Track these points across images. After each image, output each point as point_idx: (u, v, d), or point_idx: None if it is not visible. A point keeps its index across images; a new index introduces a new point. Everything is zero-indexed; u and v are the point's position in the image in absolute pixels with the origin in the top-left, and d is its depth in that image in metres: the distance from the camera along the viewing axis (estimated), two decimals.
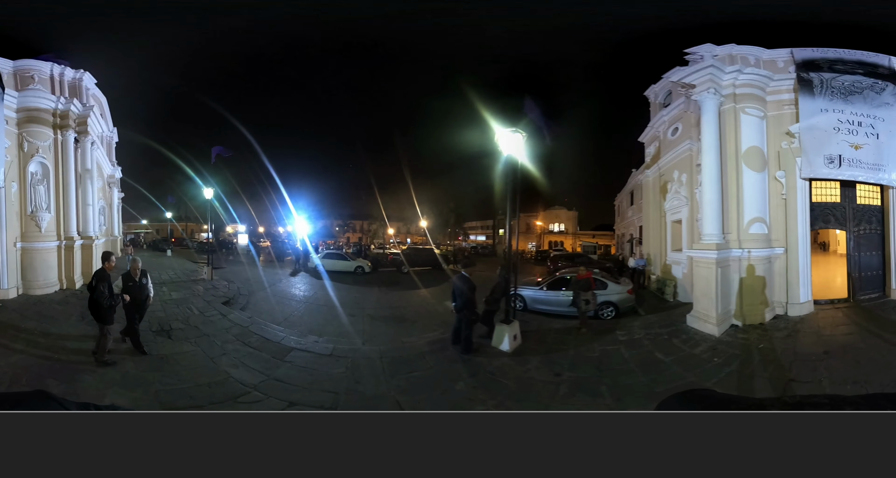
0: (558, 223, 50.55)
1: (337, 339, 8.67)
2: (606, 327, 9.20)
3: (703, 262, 8.19)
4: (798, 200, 9.10)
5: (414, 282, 17.41)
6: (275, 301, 12.27)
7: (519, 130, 7.92)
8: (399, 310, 11.81)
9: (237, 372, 6.50)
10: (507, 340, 7.59)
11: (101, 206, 19.48)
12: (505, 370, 6.77)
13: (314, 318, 10.63)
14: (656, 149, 14.42)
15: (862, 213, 9.74)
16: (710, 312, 7.78)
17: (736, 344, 6.89)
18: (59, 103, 11.70)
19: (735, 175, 8.74)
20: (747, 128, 9.14)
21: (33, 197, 11.10)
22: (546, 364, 7.10)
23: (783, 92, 9.55)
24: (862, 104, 9.36)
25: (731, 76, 9.21)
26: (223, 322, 9.22)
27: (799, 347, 6.53)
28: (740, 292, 8.19)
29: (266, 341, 8.16)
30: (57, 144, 11.71)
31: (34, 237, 10.84)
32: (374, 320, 10.47)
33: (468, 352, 7.36)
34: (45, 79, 11.79)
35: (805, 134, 9.06)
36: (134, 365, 6.50)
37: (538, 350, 7.74)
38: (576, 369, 6.87)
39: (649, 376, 6.16)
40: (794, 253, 9.01)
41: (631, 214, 25.80)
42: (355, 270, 19.67)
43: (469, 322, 7.52)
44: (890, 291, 9.59)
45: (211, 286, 13.18)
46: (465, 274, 8.05)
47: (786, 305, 8.64)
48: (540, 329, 9.16)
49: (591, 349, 7.70)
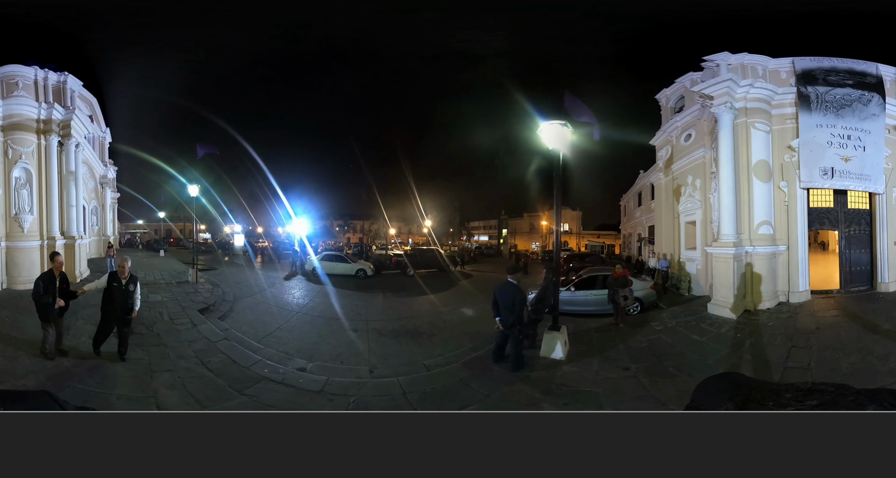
0: (563, 223, 51.61)
1: (333, 366, 7.22)
2: (638, 321, 9.93)
3: (722, 257, 9.97)
4: (798, 205, 10.91)
5: (421, 286, 16.18)
6: (262, 310, 11.07)
7: (567, 124, 7.70)
8: (411, 322, 10.51)
9: (168, 396, 5.62)
10: (560, 348, 7.32)
11: (94, 206, 20.50)
12: (576, 378, 6.56)
13: (306, 333, 9.30)
14: (669, 153, 15.77)
15: (852, 216, 11.51)
16: (728, 300, 9.57)
17: (751, 324, 8.65)
18: (42, 110, 12.34)
19: (746, 185, 10.51)
20: (756, 143, 10.85)
21: (17, 200, 11.90)
22: (607, 362, 7.23)
23: (786, 106, 11.19)
24: (851, 117, 11.00)
25: (743, 90, 10.76)
26: (189, 333, 8.21)
27: (798, 324, 8.33)
28: (752, 283, 9.92)
29: (230, 364, 6.93)
30: (40, 149, 12.40)
31: (17, 237, 11.70)
32: (382, 337, 9.16)
33: (521, 368, 6.74)
34: (29, 85, 12.41)
35: (803, 148, 10.80)
36: (72, 365, 6.31)
37: (589, 351, 7.68)
38: (637, 360, 7.26)
39: (696, 354, 7.44)
40: (794, 250, 10.79)
41: (639, 214, 27.11)
42: (356, 274, 18.27)
43: (523, 338, 6.96)
44: (877, 284, 11.32)
45: (193, 290, 12.44)
46: (514, 281, 7.22)
47: (788, 294, 10.39)
48: (576, 331, 8.93)
49: (637, 341, 8.26)
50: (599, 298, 10.53)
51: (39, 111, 12.37)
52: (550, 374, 6.71)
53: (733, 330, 8.39)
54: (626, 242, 31.89)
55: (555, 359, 7.23)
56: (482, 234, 54.88)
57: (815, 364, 6.09)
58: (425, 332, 9.61)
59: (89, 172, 19.33)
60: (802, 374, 5.77)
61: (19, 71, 12.33)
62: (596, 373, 6.80)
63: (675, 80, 15.01)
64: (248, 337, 8.47)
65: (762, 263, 10.25)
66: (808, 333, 7.75)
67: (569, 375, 6.70)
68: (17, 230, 11.85)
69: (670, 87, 15.28)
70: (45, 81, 12.74)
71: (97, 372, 6.18)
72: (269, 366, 7.06)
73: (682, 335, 8.48)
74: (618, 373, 6.81)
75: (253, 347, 7.99)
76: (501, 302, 6.94)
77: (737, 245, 10.00)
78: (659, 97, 16.09)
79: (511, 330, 6.77)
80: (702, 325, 8.91)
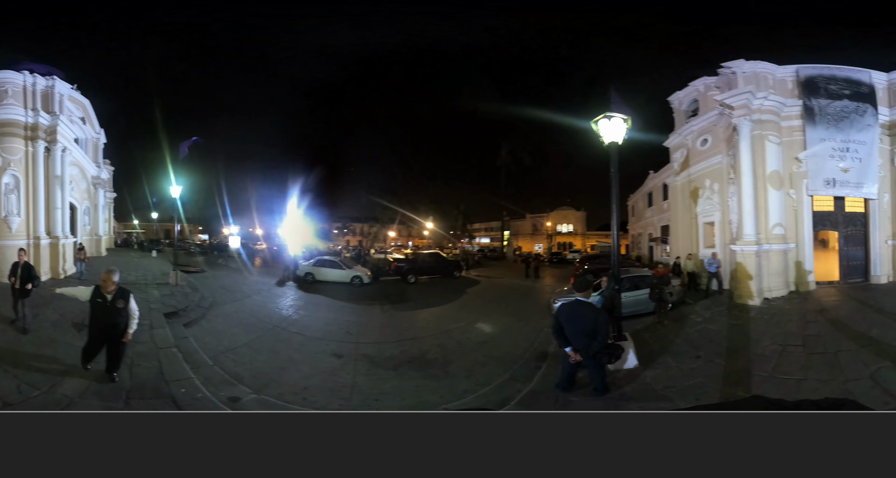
0: (567, 224, 52.19)
1: (284, 404, 5.94)
2: (675, 317, 10.57)
3: (746, 254, 12.12)
4: (804, 210, 13.15)
5: (425, 296, 15.01)
6: (236, 320, 10.27)
7: (628, 119, 7.60)
8: (415, 345, 8.91)
9: (68, 384, 5.61)
10: (633, 356, 7.27)
11: (87, 206, 21.08)
12: (668, 377, 6.70)
13: (275, 354, 8.13)
14: (684, 156, 17.19)
15: (850, 218, 13.77)
16: (752, 290, 11.72)
17: (772, 308, 10.82)
18: (29, 116, 13.29)
19: (763, 192, 12.69)
20: (770, 155, 13.04)
21: (6, 204, 13.14)
22: (678, 356, 7.54)
23: (793, 118, 13.27)
24: (849, 129, 13.12)
25: (759, 102, 12.80)
26: (141, 335, 7.20)
27: (807, 307, 10.61)
28: (768, 275, 12.03)
29: (156, 374, 6.37)
30: (27, 155, 13.46)
31: (4, 237, 12.95)
32: (374, 367, 7.57)
33: (609, 391, 6.16)
34: (18, 91, 13.26)
35: (809, 161, 12.98)
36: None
37: (652, 352, 7.79)
38: (700, 348, 7.87)
39: (741, 334, 8.77)
40: (801, 248, 13.00)
41: (650, 214, 28.97)
42: (352, 281, 17.32)
43: (606, 362, 6.15)
44: (870, 276, 13.51)
45: (170, 292, 12.13)
46: (586, 299, 6.26)
47: (797, 284, 12.48)
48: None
49: (686, 334, 8.94)
50: (630, 299, 10.69)
51: (27, 118, 13.30)
52: (642, 383, 6.51)
53: (760, 314, 10.49)
54: (634, 241, 33.75)
55: (629, 368, 6.97)
56: (484, 236, 55.14)
57: (825, 334, 8.16)
58: (436, 358, 7.99)
59: (81, 174, 20.16)
60: (816, 340, 7.90)
61: (9, 77, 13.22)
62: (678, 368, 7.01)
63: (688, 84, 16.25)
64: (202, 349, 7.65)
65: (776, 258, 12.50)
66: (814, 311, 10.09)
67: (659, 377, 6.72)
68: (5, 230, 13.12)
69: (683, 90, 16.56)
70: (33, 87, 13.58)
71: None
72: (194, 387, 6.07)
73: (723, 322, 9.88)
74: (695, 362, 7.21)
75: (200, 362, 7.12)
76: (576, 327, 5.86)
77: (758, 243, 12.23)
78: (671, 99, 17.35)
79: (595, 358, 5.89)
80: (733, 312, 10.77)
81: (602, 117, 7.56)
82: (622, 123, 7.58)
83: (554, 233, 49.99)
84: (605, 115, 7.53)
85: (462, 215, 46.36)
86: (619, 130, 7.57)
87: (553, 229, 50.35)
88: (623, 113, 7.61)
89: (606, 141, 7.61)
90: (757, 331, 8.92)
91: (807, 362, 6.86)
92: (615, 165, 7.71)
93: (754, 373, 6.65)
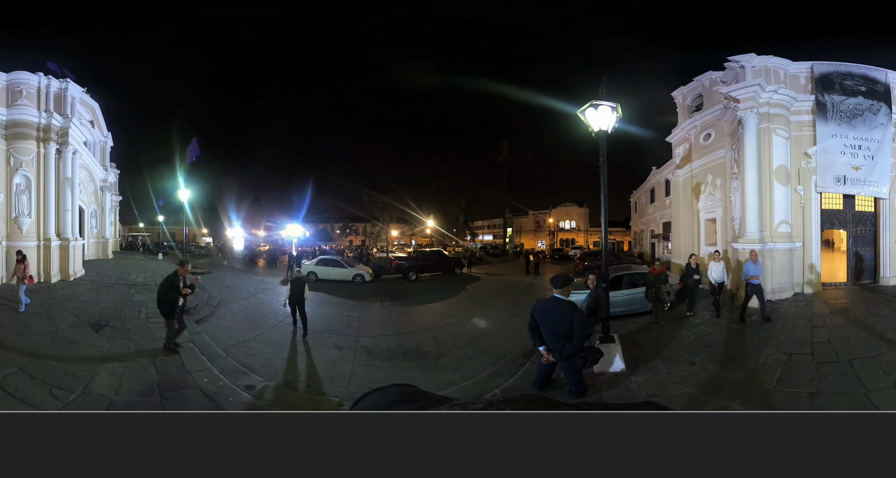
0: (569, 220, 52.01)
1: (293, 391, 6.80)
2: (671, 317, 10.22)
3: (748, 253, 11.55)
4: (812, 207, 12.61)
5: (424, 293, 15.63)
6: (243, 316, 11.04)
7: (617, 107, 7.47)
8: (411, 338, 9.43)
9: (102, 381, 6.28)
10: (619, 359, 6.99)
11: (94, 209, 21.51)
12: (656, 384, 6.44)
13: (281, 347, 8.78)
14: (686, 151, 16.81)
15: (859, 218, 13.28)
16: None
17: (776, 311, 10.19)
18: (42, 118, 13.50)
19: (768, 188, 12.13)
20: (777, 149, 12.49)
21: (17, 205, 13.32)
22: (671, 361, 7.24)
23: (803, 113, 12.77)
24: (862, 127, 12.65)
25: (768, 95, 12.22)
26: (158, 331, 8.29)
27: (815, 309, 10.10)
28: (772, 275, 11.58)
29: (178, 366, 7.14)
30: (39, 157, 13.67)
31: (16, 238, 13.13)
32: (372, 358, 8.18)
33: (585, 393, 5.85)
34: (32, 92, 13.53)
35: (819, 156, 12.47)
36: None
37: (644, 355, 7.58)
38: (696, 354, 7.52)
39: (740, 339, 8.33)
40: (808, 247, 12.51)
41: (652, 210, 28.58)
42: (353, 279, 17.99)
43: (586, 364, 5.74)
44: (879, 278, 13.08)
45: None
46: (563, 297, 5.67)
47: (802, 285, 12.08)
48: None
49: (684, 336, 8.63)
50: (627, 298, 10.59)
51: (40, 119, 13.48)
52: (625, 389, 6.25)
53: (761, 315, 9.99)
54: (636, 238, 33.46)
55: (614, 372, 6.73)
56: (486, 233, 55.46)
57: (834, 339, 7.73)
58: (429, 351, 8.51)
59: (89, 177, 20.49)
60: (825, 346, 7.40)
61: (24, 78, 13.46)
62: (669, 375, 6.71)
63: (693, 79, 15.90)
64: (215, 343, 8.36)
65: (782, 258, 11.97)
66: (823, 315, 9.52)
67: (646, 383, 6.45)
68: (16, 231, 13.30)
69: (688, 85, 16.16)
70: (47, 89, 13.78)
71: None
72: (214, 376, 6.82)
73: (721, 325, 9.50)
74: (688, 370, 6.87)
75: (214, 354, 7.82)
76: (551, 327, 5.48)
77: (762, 241, 11.69)
78: (675, 94, 16.90)
79: (569, 361, 5.47)
80: (733, 314, 10.21)
81: (589, 106, 7.47)
82: (610, 112, 7.48)
83: (557, 229, 50.00)
84: (591, 104, 7.46)
85: (463, 213, 46.54)
86: (607, 119, 7.51)
87: (556, 226, 50.36)
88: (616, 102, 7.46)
89: (595, 129, 7.54)
90: (759, 336, 8.48)
91: (817, 373, 6.33)
92: (604, 154, 7.65)
93: (756, 385, 6.19)
